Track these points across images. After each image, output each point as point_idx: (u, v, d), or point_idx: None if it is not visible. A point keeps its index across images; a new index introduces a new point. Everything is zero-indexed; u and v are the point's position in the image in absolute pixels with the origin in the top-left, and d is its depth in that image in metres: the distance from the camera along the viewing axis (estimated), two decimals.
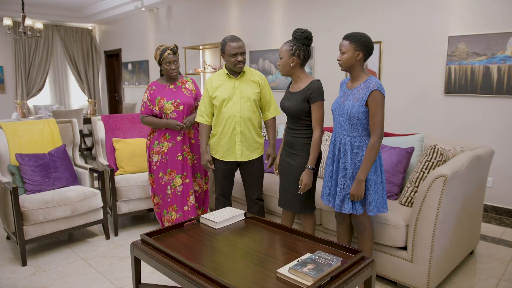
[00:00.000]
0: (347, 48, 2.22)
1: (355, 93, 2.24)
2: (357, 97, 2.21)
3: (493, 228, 3.56)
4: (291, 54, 2.49)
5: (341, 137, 2.30)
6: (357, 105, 2.20)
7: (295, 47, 2.48)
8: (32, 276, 2.78)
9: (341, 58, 2.26)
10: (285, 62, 2.52)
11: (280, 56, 2.54)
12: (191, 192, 3.15)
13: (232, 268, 1.88)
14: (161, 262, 1.94)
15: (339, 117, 2.31)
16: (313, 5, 5.07)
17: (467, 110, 3.91)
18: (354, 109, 2.20)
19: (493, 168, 3.75)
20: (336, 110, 2.33)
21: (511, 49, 3.55)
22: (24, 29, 6.21)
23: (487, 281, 2.63)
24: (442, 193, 2.23)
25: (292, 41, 2.49)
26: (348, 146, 2.26)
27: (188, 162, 3.16)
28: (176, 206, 3.13)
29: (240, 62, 2.76)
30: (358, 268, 1.82)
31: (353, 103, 2.22)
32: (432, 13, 4.02)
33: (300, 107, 2.49)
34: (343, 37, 2.27)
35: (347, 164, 2.27)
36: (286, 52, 2.49)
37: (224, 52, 2.78)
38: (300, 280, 1.66)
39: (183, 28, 7.16)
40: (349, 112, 2.22)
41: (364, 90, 2.20)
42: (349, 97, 2.26)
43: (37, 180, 3.21)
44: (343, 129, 2.28)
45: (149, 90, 3.13)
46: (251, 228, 2.36)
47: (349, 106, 2.23)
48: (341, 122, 2.29)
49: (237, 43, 2.74)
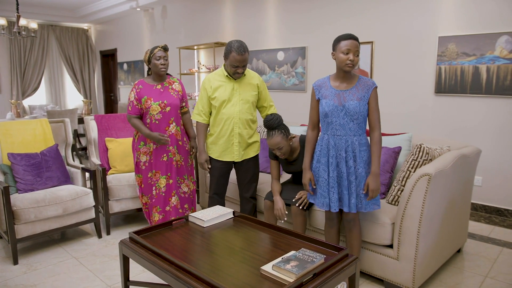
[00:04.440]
0: (359, 50, 2.22)
1: (353, 92, 2.25)
2: (359, 96, 2.24)
3: (482, 226, 3.60)
4: (286, 137, 2.67)
5: (346, 138, 2.27)
6: (362, 104, 2.23)
7: (283, 132, 2.67)
8: (23, 275, 2.80)
9: (355, 60, 2.20)
10: (287, 147, 2.69)
11: (279, 147, 2.66)
12: (173, 193, 3.13)
13: (218, 265, 1.91)
14: (148, 260, 1.97)
15: (338, 119, 2.27)
16: (305, 5, 5.10)
17: (457, 110, 3.95)
18: (360, 108, 2.23)
19: (483, 167, 3.80)
20: (333, 113, 2.28)
21: (500, 50, 3.59)
22: (19, 29, 6.21)
23: (473, 278, 2.67)
24: (426, 192, 2.26)
25: (277, 131, 2.66)
26: (357, 145, 2.26)
27: (174, 164, 3.11)
28: (159, 207, 3.12)
29: (239, 73, 2.78)
30: (341, 265, 1.85)
31: (357, 102, 2.22)
32: (423, 13, 4.06)
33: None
34: (352, 37, 2.20)
35: (358, 163, 2.27)
36: (283, 141, 2.66)
37: (226, 57, 2.75)
38: (283, 277, 1.69)
39: (178, 28, 7.18)
40: (357, 111, 2.23)
41: (365, 89, 2.25)
42: (349, 97, 2.25)
43: (29, 180, 3.23)
44: (348, 130, 2.26)
45: (136, 89, 3.07)
46: (239, 227, 2.39)
47: (353, 105, 2.22)
48: (343, 124, 2.26)
49: (242, 57, 2.69)
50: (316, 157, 2.41)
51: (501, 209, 3.80)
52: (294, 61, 5.29)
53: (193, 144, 3.27)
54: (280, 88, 5.53)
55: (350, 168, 2.28)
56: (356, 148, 2.27)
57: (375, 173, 2.24)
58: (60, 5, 8.61)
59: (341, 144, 2.28)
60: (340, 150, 2.29)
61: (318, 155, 2.39)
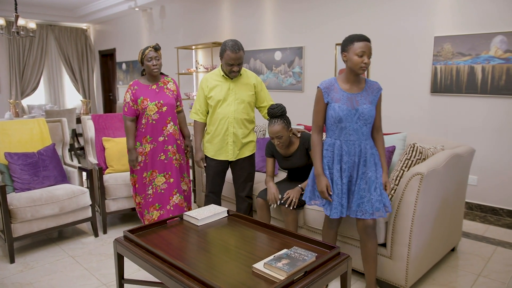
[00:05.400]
0: (371, 51, 2.16)
1: (365, 96, 2.22)
2: (370, 100, 2.21)
3: (477, 225, 3.62)
4: (287, 128, 2.70)
5: (359, 143, 2.22)
6: (373, 107, 2.22)
7: (285, 122, 2.69)
8: (20, 273, 2.82)
9: (369, 62, 2.15)
10: (286, 138, 2.72)
11: (279, 136, 2.68)
12: (174, 192, 3.15)
13: (210, 263, 1.93)
14: (141, 258, 1.99)
15: (352, 124, 2.20)
16: (302, 5, 5.12)
17: (453, 109, 3.96)
18: (373, 112, 2.21)
19: (478, 167, 3.82)
20: (347, 118, 2.19)
21: (494, 49, 3.61)
22: (17, 29, 6.23)
23: (466, 277, 2.68)
24: (419, 191, 2.27)
25: (279, 119, 2.68)
26: (369, 149, 2.23)
27: (174, 163, 3.13)
28: (158, 205, 3.13)
29: (235, 72, 2.80)
30: (333, 263, 1.86)
31: (369, 106, 2.20)
32: (419, 13, 4.08)
33: (306, 161, 2.83)
34: (366, 39, 2.15)
35: (368, 167, 2.22)
36: (283, 130, 2.68)
37: (222, 56, 2.78)
38: (274, 274, 1.71)
39: (176, 28, 7.20)
40: (371, 115, 2.20)
41: (374, 92, 2.23)
42: (361, 101, 2.20)
43: (26, 179, 3.25)
44: (360, 134, 2.22)
45: (132, 90, 3.08)
46: (233, 225, 2.40)
47: (367, 109, 2.18)
48: (356, 128, 2.20)
49: (236, 55, 2.71)
50: (327, 164, 2.28)
51: (496, 209, 3.82)
52: (291, 61, 5.31)
53: (187, 143, 3.30)
54: (277, 88, 5.55)
55: (361, 175, 2.23)
56: (367, 152, 2.23)
57: (386, 171, 2.30)
58: (59, 5, 8.63)
59: (354, 149, 2.22)
60: (353, 155, 2.23)
61: (329, 161, 2.27)
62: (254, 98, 2.97)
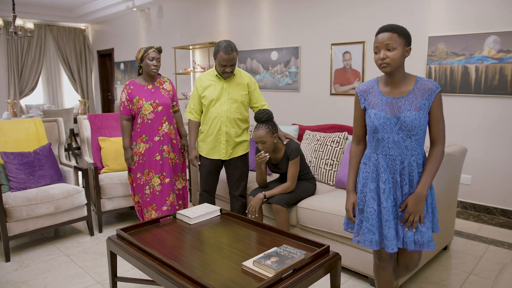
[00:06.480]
0: (398, 42, 1.73)
1: (411, 100, 1.77)
2: (418, 105, 1.76)
3: (471, 224, 3.64)
4: (271, 133, 2.73)
5: (402, 159, 1.80)
6: (422, 114, 1.76)
7: (270, 127, 2.73)
8: (15, 272, 2.85)
9: (389, 55, 1.73)
10: (270, 143, 2.75)
11: (262, 141, 2.71)
12: (170, 191, 3.17)
13: (202, 261, 1.95)
14: (134, 256, 2.01)
15: (392, 135, 1.79)
16: (298, 5, 5.14)
17: (447, 109, 3.94)
18: (420, 121, 1.75)
19: (472, 166, 3.85)
20: (384, 127, 1.80)
21: (488, 49, 3.63)
22: (15, 29, 6.25)
23: (457, 275, 2.71)
24: None
25: (264, 125, 2.73)
26: (415, 167, 1.80)
27: (169, 162, 3.16)
28: (155, 205, 3.16)
29: (227, 73, 2.83)
30: (321, 261, 1.88)
31: (415, 113, 1.75)
32: (413, 13, 4.10)
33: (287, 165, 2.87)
34: (383, 30, 1.77)
35: (413, 189, 1.81)
36: (267, 135, 2.71)
37: (215, 57, 2.82)
38: (263, 272, 1.73)
39: (174, 28, 7.22)
40: (416, 125, 1.75)
41: (425, 94, 1.76)
42: (405, 107, 1.77)
43: (21, 178, 3.27)
44: (404, 149, 1.79)
45: (127, 89, 3.10)
46: (225, 224, 2.42)
47: (411, 117, 1.74)
48: (397, 141, 1.78)
49: (229, 56, 2.74)
50: (364, 179, 1.91)
51: (490, 208, 3.84)
52: (288, 60, 5.33)
53: (184, 142, 3.32)
54: (273, 88, 5.57)
55: (405, 196, 1.82)
56: (414, 171, 1.80)
57: (419, 194, 1.77)
58: (57, 5, 8.65)
59: (396, 166, 1.81)
60: (395, 173, 1.82)
61: (366, 178, 1.90)
62: (247, 97, 3.00)
